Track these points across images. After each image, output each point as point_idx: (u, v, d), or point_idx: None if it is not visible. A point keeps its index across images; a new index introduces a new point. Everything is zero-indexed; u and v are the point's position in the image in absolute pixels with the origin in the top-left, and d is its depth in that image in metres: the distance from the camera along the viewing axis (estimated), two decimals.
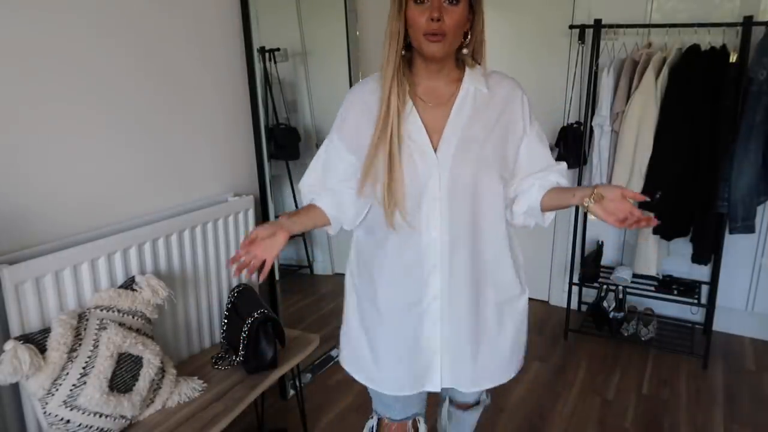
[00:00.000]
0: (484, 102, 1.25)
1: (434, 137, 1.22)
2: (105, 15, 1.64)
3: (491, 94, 1.26)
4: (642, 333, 2.93)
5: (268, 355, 1.80)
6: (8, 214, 1.46)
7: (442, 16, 1.12)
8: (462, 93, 1.24)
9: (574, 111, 3.09)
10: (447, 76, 1.25)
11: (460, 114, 1.23)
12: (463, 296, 1.29)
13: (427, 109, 1.24)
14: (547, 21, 3.06)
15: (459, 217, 1.24)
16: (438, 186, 1.22)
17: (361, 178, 1.23)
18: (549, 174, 1.31)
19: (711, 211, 2.56)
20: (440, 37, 1.13)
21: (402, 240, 1.26)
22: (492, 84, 1.27)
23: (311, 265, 3.14)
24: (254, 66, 2.13)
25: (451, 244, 1.25)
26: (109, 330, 1.49)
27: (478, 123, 1.24)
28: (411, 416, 1.44)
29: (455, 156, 1.21)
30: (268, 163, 2.26)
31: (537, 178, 1.31)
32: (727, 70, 2.44)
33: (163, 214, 1.86)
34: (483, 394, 1.61)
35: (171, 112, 1.89)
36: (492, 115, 1.25)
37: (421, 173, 1.21)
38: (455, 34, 1.16)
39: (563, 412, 2.40)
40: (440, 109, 1.24)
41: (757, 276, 2.94)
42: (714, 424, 2.32)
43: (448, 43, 1.16)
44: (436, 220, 1.23)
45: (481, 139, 1.23)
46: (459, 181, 1.22)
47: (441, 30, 1.13)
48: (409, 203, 1.22)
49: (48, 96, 1.52)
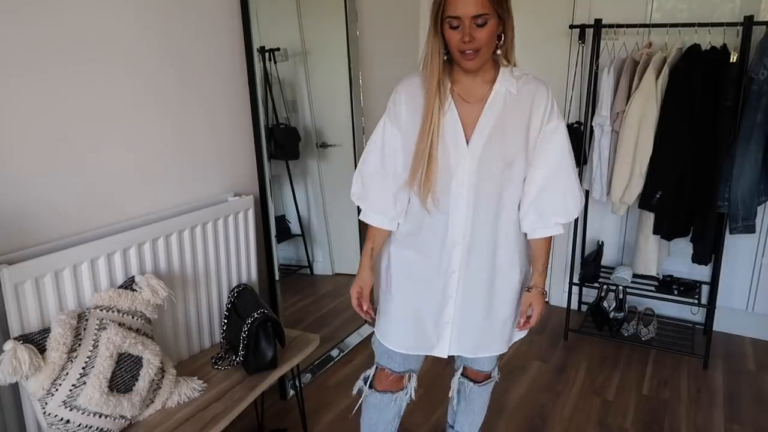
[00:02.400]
0: (514, 102, 1.41)
1: (467, 130, 1.40)
2: (104, 15, 1.64)
3: (519, 95, 1.41)
4: (642, 333, 2.93)
5: (268, 355, 1.80)
6: (8, 214, 1.46)
7: (473, 37, 1.28)
8: (494, 94, 1.41)
9: (574, 111, 3.09)
10: (482, 76, 1.41)
11: (492, 112, 1.40)
12: (478, 272, 1.48)
13: (463, 104, 1.41)
14: (547, 21, 3.06)
15: (482, 202, 1.42)
16: (467, 173, 1.40)
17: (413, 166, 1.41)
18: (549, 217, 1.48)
19: (711, 212, 2.56)
20: (474, 54, 1.31)
21: (432, 218, 1.45)
22: (521, 86, 1.42)
23: (311, 265, 3.13)
24: (254, 66, 2.13)
25: (473, 225, 1.44)
26: (109, 330, 1.49)
27: (506, 121, 1.40)
28: (408, 370, 1.64)
29: (484, 147, 1.39)
30: (268, 163, 2.26)
31: (536, 212, 1.48)
32: (728, 69, 2.44)
33: (163, 214, 1.86)
34: (495, 370, 1.75)
35: (171, 112, 1.89)
36: (519, 115, 1.41)
37: (453, 161, 1.39)
38: (488, 47, 1.32)
39: (563, 412, 2.40)
40: (475, 106, 1.41)
41: (757, 276, 2.94)
42: (714, 424, 2.32)
43: (482, 57, 1.33)
44: (462, 202, 1.42)
45: (508, 135, 1.40)
46: (485, 170, 1.40)
47: (474, 47, 1.30)
48: (439, 187, 1.41)
49: (47, 96, 1.52)
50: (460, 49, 1.30)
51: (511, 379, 2.61)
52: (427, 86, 1.38)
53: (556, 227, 1.49)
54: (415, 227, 1.51)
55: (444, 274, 1.49)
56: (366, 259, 1.56)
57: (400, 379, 1.65)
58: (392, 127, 1.48)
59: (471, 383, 1.76)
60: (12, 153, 1.46)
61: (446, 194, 1.42)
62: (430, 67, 1.36)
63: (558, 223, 1.49)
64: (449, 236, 1.45)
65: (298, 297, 2.94)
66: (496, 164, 1.40)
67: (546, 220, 1.47)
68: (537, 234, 1.50)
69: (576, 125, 2.97)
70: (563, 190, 1.47)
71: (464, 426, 1.88)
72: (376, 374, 1.67)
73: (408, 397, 1.68)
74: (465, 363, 1.73)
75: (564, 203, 1.47)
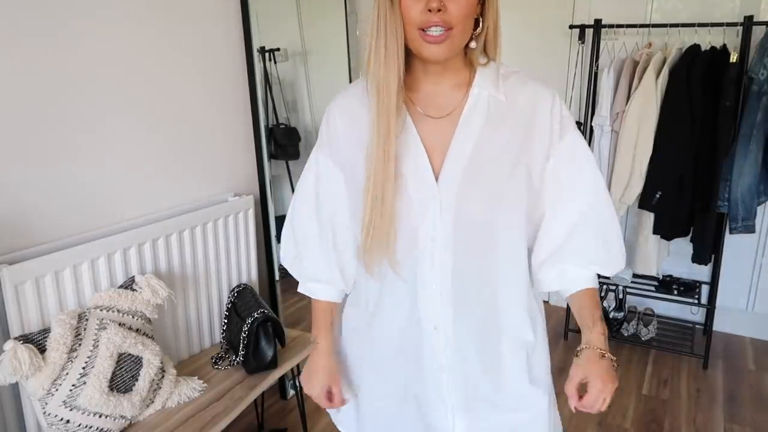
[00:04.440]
0: (501, 113, 0.95)
1: (435, 160, 0.93)
2: (103, 14, 1.64)
3: (510, 102, 0.96)
4: (642, 333, 2.93)
5: (268, 355, 1.80)
6: (8, 214, 1.46)
7: (444, 5, 0.84)
8: (471, 101, 0.94)
9: (574, 111, 3.09)
10: (452, 78, 0.95)
11: (469, 129, 0.93)
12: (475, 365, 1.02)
13: (425, 121, 0.95)
14: (547, 21, 3.06)
15: (466, 266, 0.96)
16: (439, 225, 0.93)
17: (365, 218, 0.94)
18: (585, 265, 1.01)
19: (711, 212, 2.56)
20: (443, 35, 0.85)
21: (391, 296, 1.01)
22: (510, 88, 0.96)
23: None
24: (254, 66, 2.13)
25: (455, 301, 0.97)
26: (109, 330, 1.49)
27: (493, 141, 0.94)
28: None
29: (462, 185, 0.92)
30: (268, 163, 2.26)
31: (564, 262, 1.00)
32: (728, 70, 2.44)
33: (163, 214, 1.86)
34: None
35: (171, 113, 1.89)
36: (511, 130, 0.95)
37: (417, 208, 0.93)
38: (464, 26, 0.87)
39: (563, 412, 2.39)
40: (444, 123, 0.94)
41: (757, 276, 2.94)
42: (714, 424, 2.32)
43: (453, 42, 0.88)
44: (435, 269, 0.95)
45: (497, 162, 0.94)
46: (466, 219, 0.93)
47: (444, 21, 0.84)
48: (399, 248, 0.95)
49: (47, 96, 1.52)
50: (424, 24, 0.85)
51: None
52: (380, 86, 0.89)
53: (593, 280, 1.02)
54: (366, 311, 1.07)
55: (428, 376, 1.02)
56: (323, 342, 1.13)
57: None
58: (328, 163, 1.03)
59: None
60: (12, 153, 1.46)
61: (409, 258, 0.96)
62: (385, 56, 0.88)
63: (595, 274, 1.03)
64: (423, 320, 0.99)
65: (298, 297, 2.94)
66: (482, 204, 0.94)
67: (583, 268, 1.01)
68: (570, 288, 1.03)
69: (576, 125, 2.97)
70: (604, 229, 1.01)
71: None
72: None
73: None
74: None
75: (606, 248, 1.01)
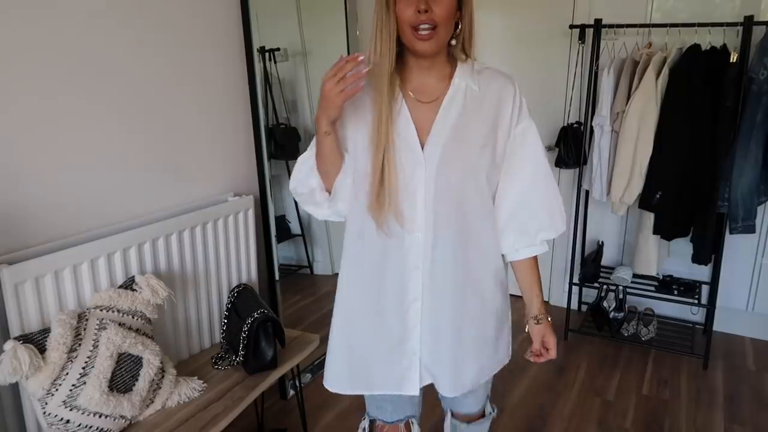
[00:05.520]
0: (476, 100, 1.20)
1: (423, 135, 1.18)
2: (104, 14, 1.64)
3: (482, 92, 1.20)
4: (642, 333, 2.93)
5: (268, 355, 1.80)
6: (8, 214, 1.46)
7: (430, 7, 1.07)
8: (451, 91, 1.19)
9: (574, 111, 3.09)
10: (438, 72, 1.20)
11: (450, 111, 1.18)
12: (445, 299, 1.25)
13: (417, 105, 1.19)
14: (547, 21, 3.06)
15: (444, 219, 1.20)
16: (424, 185, 1.18)
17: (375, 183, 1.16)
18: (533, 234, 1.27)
19: (711, 212, 2.56)
20: (431, 33, 1.09)
21: (383, 240, 1.22)
22: (483, 81, 1.21)
23: (311, 265, 3.14)
24: (254, 66, 2.13)
25: (434, 246, 1.20)
26: (109, 330, 1.49)
27: (468, 122, 1.19)
28: (404, 418, 1.41)
29: (442, 155, 1.17)
30: (268, 163, 2.26)
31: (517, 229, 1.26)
32: (728, 69, 2.44)
33: (163, 214, 1.86)
34: (488, 405, 1.53)
35: (171, 112, 1.89)
36: (483, 115, 1.20)
37: (408, 171, 1.17)
38: (446, 25, 1.11)
39: (563, 412, 2.40)
40: (430, 106, 1.19)
41: (757, 276, 2.94)
42: (714, 424, 2.32)
43: (439, 37, 1.11)
44: (420, 220, 1.19)
45: (470, 140, 1.19)
46: (445, 181, 1.18)
47: (431, 20, 1.08)
48: (399, 202, 1.18)
49: (48, 96, 1.52)
50: (415, 22, 1.08)
51: (511, 379, 2.61)
52: (377, 74, 1.13)
53: (542, 245, 1.30)
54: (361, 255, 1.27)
55: (401, 302, 1.25)
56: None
57: (394, 427, 1.42)
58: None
59: (464, 424, 1.52)
60: (12, 153, 1.46)
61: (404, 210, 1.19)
62: (381, 48, 1.11)
63: (544, 240, 1.29)
64: (408, 260, 1.22)
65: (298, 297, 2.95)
66: (457, 172, 1.18)
67: (530, 237, 1.27)
68: (520, 255, 1.30)
69: (576, 125, 2.97)
70: (546, 200, 1.27)
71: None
72: (372, 430, 1.45)
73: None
74: (450, 406, 1.50)
75: (549, 215, 1.28)
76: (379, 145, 1.15)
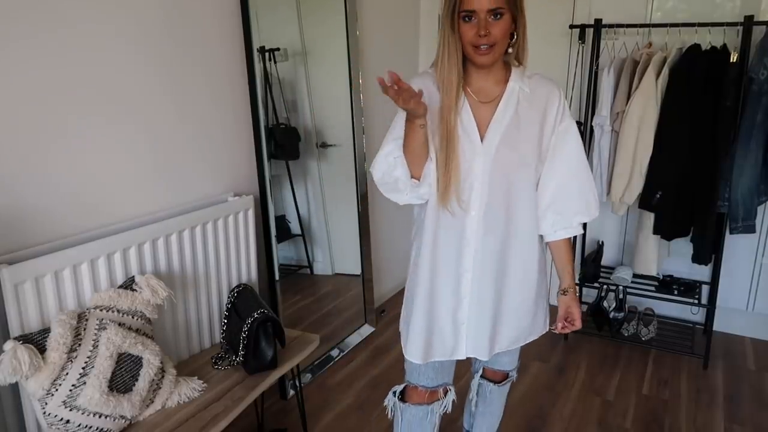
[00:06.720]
0: (527, 101, 1.40)
1: (482, 129, 1.38)
2: (104, 14, 1.64)
3: (533, 94, 1.41)
4: (642, 333, 2.93)
5: (268, 355, 1.80)
6: (8, 214, 1.46)
7: (489, 31, 1.27)
8: (508, 92, 1.39)
9: (574, 111, 3.09)
10: (495, 76, 1.40)
11: (506, 110, 1.38)
12: (488, 273, 1.45)
13: (477, 104, 1.39)
14: (547, 21, 3.06)
15: (495, 201, 1.40)
16: (481, 171, 1.37)
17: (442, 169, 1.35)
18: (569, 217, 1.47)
19: (711, 212, 2.56)
20: (489, 49, 1.29)
21: (448, 220, 1.41)
22: (533, 85, 1.41)
23: (311, 265, 3.13)
24: (254, 66, 2.13)
25: (485, 225, 1.40)
26: (109, 330, 1.49)
27: (520, 119, 1.39)
28: (442, 384, 1.58)
29: (498, 146, 1.37)
30: (268, 163, 2.26)
31: (556, 212, 1.46)
32: (728, 69, 2.44)
33: (163, 214, 1.86)
34: (514, 371, 1.75)
35: (171, 112, 1.89)
36: (533, 114, 1.40)
37: (469, 159, 1.37)
38: (502, 43, 1.31)
39: (563, 412, 2.40)
40: (489, 105, 1.39)
41: (757, 276, 2.94)
42: (714, 424, 2.32)
43: (496, 53, 1.31)
44: (476, 201, 1.39)
45: (522, 133, 1.39)
46: (499, 168, 1.38)
47: (489, 41, 1.28)
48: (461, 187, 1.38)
49: (48, 96, 1.52)
50: (475, 43, 1.28)
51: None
52: (445, 81, 1.33)
53: (577, 227, 1.50)
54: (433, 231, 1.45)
55: (455, 274, 1.45)
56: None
57: (434, 392, 1.59)
58: None
59: (491, 384, 1.75)
60: (12, 153, 1.46)
61: (464, 194, 1.40)
62: (449, 62, 1.32)
63: (579, 223, 1.49)
64: (465, 235, 1.42)
65: (298, 297, 2.94)
66: (510, 162, 1.38)
67: (567, 220, 1.47)
68: (558, 235, 1.50)
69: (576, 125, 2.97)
70: (583, 189, 1.47)
71: (482, 429, 1.87)
72: (407, 391, 1.62)
73: (444, 408, 1.61)
74: (485, 364, 1.70)
75: (585, 202, 1.47)
76: (447, 138, 1.34)
